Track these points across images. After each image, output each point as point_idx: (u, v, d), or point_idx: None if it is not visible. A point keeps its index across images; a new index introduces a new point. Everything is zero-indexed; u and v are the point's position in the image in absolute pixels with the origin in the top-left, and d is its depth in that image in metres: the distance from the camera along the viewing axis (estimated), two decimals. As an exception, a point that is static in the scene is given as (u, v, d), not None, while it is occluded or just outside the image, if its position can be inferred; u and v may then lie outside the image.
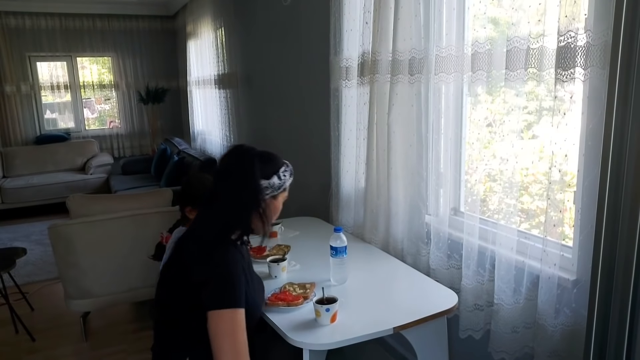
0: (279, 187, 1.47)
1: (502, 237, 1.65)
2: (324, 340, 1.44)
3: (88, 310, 2.89)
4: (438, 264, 1.98)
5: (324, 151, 2.90)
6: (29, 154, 6.19)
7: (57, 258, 2.72)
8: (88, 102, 6.87)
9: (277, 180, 1.45)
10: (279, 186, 1.46)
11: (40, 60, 6.42)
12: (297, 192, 3.53)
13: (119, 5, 6.42)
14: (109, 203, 2.89)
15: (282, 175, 1.47)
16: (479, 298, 1.78)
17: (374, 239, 2.32)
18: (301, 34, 3.17)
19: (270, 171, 1.44)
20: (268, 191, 1.44)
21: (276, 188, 1.46)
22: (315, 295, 1.64)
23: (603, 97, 1.19)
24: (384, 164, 2.19)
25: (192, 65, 5.84)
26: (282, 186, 1.48)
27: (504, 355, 1.66)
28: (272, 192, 1.45)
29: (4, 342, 2.90)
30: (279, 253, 2.09)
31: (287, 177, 1.49)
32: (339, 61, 2.50)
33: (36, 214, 5.70)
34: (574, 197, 1.48)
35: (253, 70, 4.16)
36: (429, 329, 1.68)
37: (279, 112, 3.70)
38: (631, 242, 1.12)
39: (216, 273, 1.32)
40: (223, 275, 1.32)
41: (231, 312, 1.29)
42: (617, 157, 1.13)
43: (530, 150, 1.53)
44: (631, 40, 1.08)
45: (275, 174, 1.45)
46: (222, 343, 1.27)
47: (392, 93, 2.06)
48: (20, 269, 3.93)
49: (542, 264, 1.52)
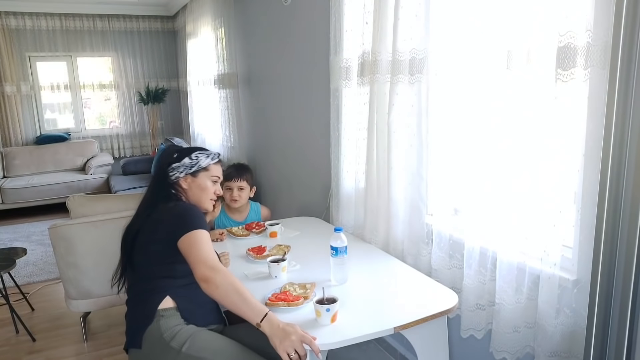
0: (192, 166, 1.83)
1: (503, 237, 1.65)
2: (325, 340, 1.44)
3: (88, 310, 2.89)
4: (440, 264, 1.98)
5: (324, 151, 2.90)
6: (29, 154, 6.19)
7: (58, 258, 2.72)
8: (88, 102, 6.87)
9: (188, 160, 1.83)
10: (191, 165, 1.82)
11: (40, 60, 6.42)
12: (297, 192, 3.56)
13: (119, 6, 6.42)
14: (109, 203, 2.89)
15: (193, 157, 1.84)
16: (481, 298, 1.79)
17: (374, 239, 2.32)
18: (301, 34, 3.17)
19: (183, 155, 1.84)
20: (181, 169, 1.82)
21: (189, 166, 1.82)
22: (315, 295, 1.64)
23: (603, 97, 1.19)
24: (384, 164, 2.19)
25: (192, 66, 5.83)
26: (195, 165, 1.83)
27: (505, 355, 1.67)
28: (186, 169, 1.82)
29: (4, 343, 2.90)
30: (279, 253, 2.10)
31: (200, 157, 1.85)
32: (339, 61, 2.50)
33: (36, 214, 5.70)
34: (574, 197, 1.48)
35: (253, 70, 4.16)
36: (429, 329, 1.68)
37: (279, 112, 3.70)
38: (631, 242, 1.12)
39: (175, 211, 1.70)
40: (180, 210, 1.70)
41: (193, 233, 1.60)
42: (618, 157, 1.13)
43: (530, 150, 1.53)
44: (631, 40, 1.08)
45: (187, 156, 1.83)
46: (191, 257, 1.56)
47: (392, 93, 2.06)
48: (21, 269, 3.94)
49: (543, 263, 1.52)
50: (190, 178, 1.83)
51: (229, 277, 1.52)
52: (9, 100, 6.20)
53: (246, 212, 2.82)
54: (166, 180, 1.82)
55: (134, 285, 1.75)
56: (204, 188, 1.85)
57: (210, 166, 1.87)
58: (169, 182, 1.82)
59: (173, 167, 1.82)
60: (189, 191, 1.83)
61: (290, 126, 3.54)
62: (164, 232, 1.65)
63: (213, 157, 1.89)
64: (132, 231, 1.75)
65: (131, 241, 1.74)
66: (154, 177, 1.88)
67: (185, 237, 1.60)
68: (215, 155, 1.91)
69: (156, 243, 1.67)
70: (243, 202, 2.74)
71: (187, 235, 1.60)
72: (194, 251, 1.57)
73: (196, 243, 1.59)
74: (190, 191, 1.83)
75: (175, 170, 1.81)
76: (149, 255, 1.69)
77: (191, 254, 1.57)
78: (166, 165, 1.83)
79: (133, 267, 1.74)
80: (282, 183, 3.82)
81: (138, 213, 1.80)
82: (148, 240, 1.70)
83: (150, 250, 1.69)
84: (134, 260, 1.73)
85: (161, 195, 1.79)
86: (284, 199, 3.83)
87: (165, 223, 1.68)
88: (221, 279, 1.50)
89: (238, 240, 2.41)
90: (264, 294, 1.71)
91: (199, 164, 1.84)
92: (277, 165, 3.88)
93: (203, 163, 1.85)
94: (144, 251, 1.71)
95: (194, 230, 1.61)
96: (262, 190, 4.22)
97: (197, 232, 1.61)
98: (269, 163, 4.08)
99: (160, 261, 1.67)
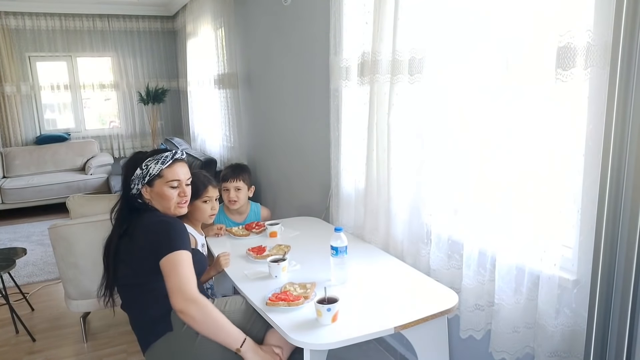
0: (144, 176, 1.76)
1: (502, 237, 1.65)
2: (325, 340, 1.44)
3: (88, 310, 2.88)
4: (439, 264, 1.98)
5: (324, 151, 2.90)
6: (29, 154, 6.19)
7: (58, 258, 2.72)
8: (88, 102, 6.86)
9: (139, 171, 1.76)
10: (142, 175, 1.76)
11: (40, 61, 6.42)
12: (297, 192, 3.55)
13: (119, 6, 6.42)
14: (109, 203, 2.87)
15: (143, 166, 1.76)
16: (480, 298, 1.78)
17: (374, 239, 2.32)
18: (301, 34, 3.17)
19: (136, 165, 1.77)
20: (136, 181, 1.77)
21: (141, 177, 1.76)
22: (315, 295, 1.64)
23: (603, 97, 1.19)
24: (384, 164, 2.19)
25: (192, 66, 5.83)
26: (146, 175, 1.76)
27: (505, 355, 1.66)
28: (140, 181, 1.77)
29: (4, 343, 2.90)
30: (279, 253, 2.10)
31: (150, 165, 1.76)
32: (339, 61, 2.50)
33: (36, 214, 5.70)
34: (574, 197, 1.48)
35: (253, 70, 4.16)
36: (429, 329, 1.68)
37: (279, 112, 3.70)
38: (631, 242, 1.12)
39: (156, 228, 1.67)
40: (160, 227, 1.67)
41: (173, 255, 1.59)
42: (618, 157, 1.13)
43: (530, 150, 1.53)
44: (631, 40, 1.08)
45: (137, 167, 1.77)
46: (169, 283, 1.57)
47: (392, 93, 2.06)
48: (21, 270, 3.94)
49: (542, 264, 1.52)
50: (147, 188, 1.78)
51: (204, 308, 1.56)
52: (9, 100, 6.20)
53: (246, 213, 2.81)
54: (130, 192, 1.78)
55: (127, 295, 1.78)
56: (163, 196, 1.77)
57: (162, 172, 1.77)
58: (133, 195, 1.78)
59: (132, 179, 1.78)
60: (153, 201, 1.79)
61: (290, 126, 3.54)
62: (146, 248, 1.64)
63: (164, 160, 1.77)
64: (112, 245, 1.74)
65: (113, 255, 1.73)
66: (121, 190, 1.84)
67: (166, 259, 1.59)
68: (167, 157, 1.78)
69: (139, 259, 1.67)
70: (242, 203, 2.73)
71: (168, 257, 1.59)
72: (172, 278, 1.57)
73: (175, 268, 1.58)
74: (153, 200, 1.79)
75: (133, 182, 1.77)
76: (134, 269, 1.70)
77: (170, 281, 1.57)
78: (128, 178, 1.78)
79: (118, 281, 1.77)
80: (282, 183, 3.82)
81: (114, 226, 1.78)
82: (130, 256, 1.70)
83: (134, 264, 1.69)
84: (118, 274, 1.75)
85: (132, 208, 1.77)
86: (283, 199, 3.83)
87: (146, 240, 1.66)
88: (197, 312, 1.54)
89: (238, 240, 2.41)
90: (264, 293, 1.71)
91: (149, 172, 1.76)
92: (277, 165, 3.88)
93: (153, 170, 1.76)
94: (128, 265, 1.71)
95: (174, 251, 1.60)
96: (262, 190, 4.22)
97: (176, 254, 1.60)
98: (269, 163, 4.08)
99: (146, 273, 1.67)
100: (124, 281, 1.75)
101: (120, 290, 1.80)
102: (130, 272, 1.71)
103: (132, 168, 1.78)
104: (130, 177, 1.78)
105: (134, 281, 1.71)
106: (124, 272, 1.73)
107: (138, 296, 1.73)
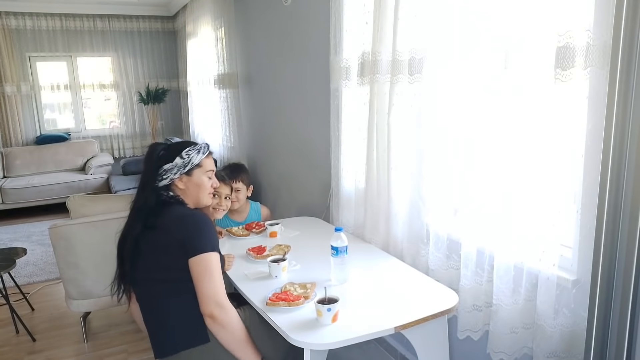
0: (185, 165, 1.75)
1: (501, 237, 1.65)
2: (325, 340, 1.44)
3: (89, 310, 2.89)
4: (437, 265, 1.98)
5: (324, 151, 2.90)
6: (29, 154, 6.19)
7: (58, 258, 2.72)
8: (88, 102, 6.87)
9: (180, 160, 1.74)
10: (184, 164, 1.75)
11: (40, 61, 6.42)
12: (297, 192, 3.55)
13: (119, 6, 6.43)
14: (109, 203, 2.89)
15: (184, 155, 1.75)
16: (478, 299, 1.78)
17: (374, 239, 2.32)
18: (301, 34, 3.17)
19: (173, 155, 1.74)
20: (175, 170, 1.73)
21: (182, 166, 1.74)
22: (315, 295, 1.64)
23: (603, 97, 1.19)
24: (384, 164, 2.19)
25: (192, 66, 5.83)
26: (188, 163, 1.75)
27: (502, 355, 1.66)
28: (179, 170, 1.74)
29: (4, 343, 2.90)
30: (279, 253, 2.10)
31: (192, 154, 1.76)
32: (339, 61, 2.50)
33: (37, 214, 5.70)
34: (574, 197, 1.48)
35: (253, 70, 4.16)
36: (429, 329, 1.68)
37: (279, 112, 3.70)
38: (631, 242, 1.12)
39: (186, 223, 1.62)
40: (192, 222, 1.63)
41: (205, 257, 1.56)
42: (617, 157, 1.13)
43: (530, 150, 1.53)
44: (631, 40, 1.08)
45: (178, 156, 1.74)
46: (199, 287, 1.54)
47: (392, 93, 2.06)
48: (21, 270, 3.94)
49: (541, 264, 1.52)
50: (185, 177, 1.75)
51: (234, 317, 1.56)
52: (9, 100, 6.20)
53: (246, 212, 2.82)
54: (159, 183, 1.72)
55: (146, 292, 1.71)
56: (201, 185, 1.78)
57: (202, 161, 1.79)
58: (164, 185, 1.73)
59: (165, 169, 1.72)
60: (186, 191, 1.77)
61: (290, 126, 3.54)
62: (174, 243, 1.59)
63: (203, 150, 1.81)
64: (131, 238, 1.67)
65: (132, 248, 1.66)
66: (144, 182, 1.73)
67: (197, 260, 1.56)
68: (204, 148, 1.83)
69: (165, 253, 1.61)
70: (241, 203, 2.74)
71: (200, 257, 1.56)
72: (204, 282, 1.54)
73: (207, 271, 1.55)
74: (187, 191, 1.77)
75: (169, 172, 1.73)
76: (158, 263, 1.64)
77: (201, 285, 1.54)
78: (156, 168, 1.73)
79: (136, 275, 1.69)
80: (282, 183, 3.82)
81: (134, 219, 1.70)
82: (153, 250, 1.63)
83: (159, 259, 1.63)
84: (137, 267, 1.67)
85: (158, 200, 1.70)
86: (283, 199, 3.83)
87: (175, 233, 1.61)
88: (228, 320, 1.53)
89: (238, 240, 2.42)
90: (264, 293, 1.71)
91: (192, 161, 1.76)
92: (277, 165, 3.88)
93: (196, 160, 1.77)
94: (150, 260, 1.64)
95: (207, 253, 1.57)
96: (262, 190, 4.22)
97: (209, 256, 1.57)
98: (269, 163, 4.08)
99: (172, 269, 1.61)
100: (145, 275, 1.67)
101: (139, 285, 1.72)
102: (152, 266, 1.64)
103: (169, 158, 1.73)
104: (161, 168, 1.72)
105: (157, 276, 1.64)
106: (145, 265, 1.65)
107: (162, 295, 1.65)
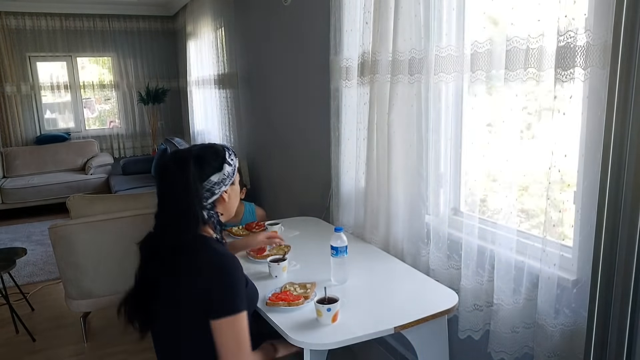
0: (234, 172, 1.49)
1: (502, 237, 1.65)
2: (325, 340, 1.44)
3: (89, 310, 2.89)
4: (437, 264, 1.98)
5: (324, 151, 2.90)
6: (29, 154, 6.20)
7: (58, 258, 2.72)
8: (88, 102, 6.87)
9: (229, 167, 1.46)
10: (233, 172, 1.48)
11: (40, 61, 6.42)
12: (297, 192, 3.55)
13: (119, 6, 6.43)
14: (109, 203, 2.89)
15: (230, 160, 1.47)
16: (478, 298, 1.79)
17: (374, 239, 2.32)
18: (301, 34, 3.17)
19: (219, 163, 1.44)
20: (226, 181, 1.46)
21: (232, 174, 1.48)
22: (315, 295, 1.64)
23: (603, 97, 1.19)
24: (384, 164, 2.19)
25: (192, 66, 5.84)
26: (235, 169, 1.50)
27: (503, 355, 1.67)
28: (230, 179, 1.47)
29: (4, 343, 2.90)
30: (279, 253, 2.10)
31: (234, 159, 1.51)
32: (339, 61, 2.50)
33: (36, 214, 5.70)
34: (574, 197, 1.48)
35: (253, 70, 4.16)
36: (429, 329, 1.68)
37: (279, 112, 3.70)
38: (631, 242, 1.12)
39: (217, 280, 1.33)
40: (224, 281, 1.33)
41: (234, 318, 1.33)
42: (617, 157, 1.13)
43: (530, 150, 1.53)
44: (631, 40, 1.08)
45: (225, 163, 1.45)
46: (227, 348, 1.33)
47: (392, 93, 2.06)
48: (21, 269, 3.94)
49: (542, 264, 1.52)
50: (230, 188, 1.49)
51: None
52: (9, 100, 6.21)
53: (241, 213, 2.82)
54: (208, 200, 1.43)
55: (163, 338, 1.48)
56: (237, 193, 1.54)
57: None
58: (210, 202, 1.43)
59: (215, 181, 1.42)
60: (228, 203, 1.49)
61: (290, 126, 3.54)
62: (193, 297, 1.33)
63: (235, 152, 1.57)
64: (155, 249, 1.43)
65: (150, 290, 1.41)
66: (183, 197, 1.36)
67: (224, 323, 1.31)
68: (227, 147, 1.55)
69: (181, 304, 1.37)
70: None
71: (226, 321, 1.31)
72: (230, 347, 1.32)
73: (235, 336, 1.32)
74: (229, 203, 1.49)
75: (221, 183, 1.44)
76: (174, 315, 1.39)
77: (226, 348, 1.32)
78: (200, 179, 1.39)
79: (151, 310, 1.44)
80: (282, 183, 3.82)
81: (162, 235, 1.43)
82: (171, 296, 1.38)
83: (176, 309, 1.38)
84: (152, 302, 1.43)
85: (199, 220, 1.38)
86: (283, 198, 3.83)
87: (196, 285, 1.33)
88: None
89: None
90: (264, 293, 1.71)
91: (236, 166, 1.51)
92: (277, 165, 3.88)
93: (237, 163, 1.53)
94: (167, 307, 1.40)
95: (236, 314, 1.32)
96: (262, 190, 4.22)
97: (238, 318, 1.33)
98: (269, 163, 4.08)
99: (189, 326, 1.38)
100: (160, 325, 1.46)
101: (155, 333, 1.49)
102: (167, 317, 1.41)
103: (216, 166, 1.43)
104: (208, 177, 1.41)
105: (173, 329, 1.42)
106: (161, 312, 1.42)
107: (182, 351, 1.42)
